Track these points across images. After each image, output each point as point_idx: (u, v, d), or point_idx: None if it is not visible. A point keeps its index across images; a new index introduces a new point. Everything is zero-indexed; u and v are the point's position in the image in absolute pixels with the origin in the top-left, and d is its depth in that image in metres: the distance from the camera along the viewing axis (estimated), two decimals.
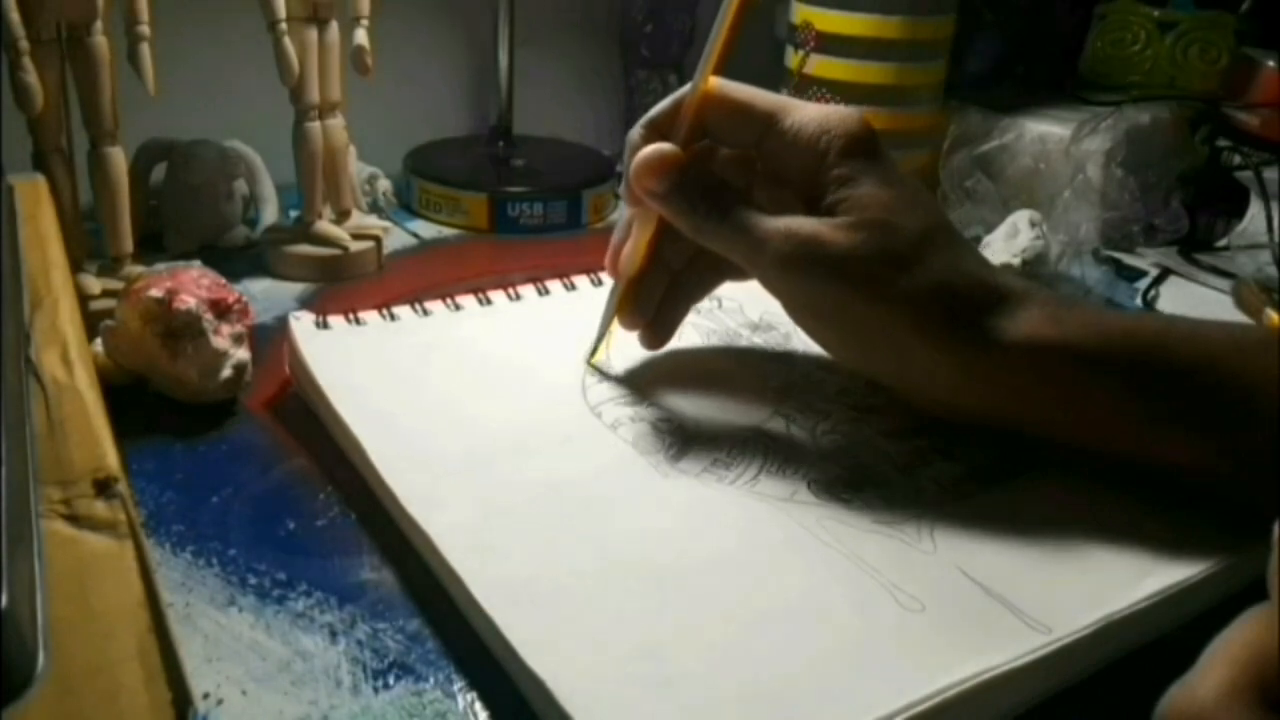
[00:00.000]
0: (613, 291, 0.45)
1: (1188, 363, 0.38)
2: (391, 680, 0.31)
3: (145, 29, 0.48)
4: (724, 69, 0.41)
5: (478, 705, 0.31)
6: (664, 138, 0.41)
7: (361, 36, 0.56)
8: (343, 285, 0.58)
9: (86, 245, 0.51)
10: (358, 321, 0.47)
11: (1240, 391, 0.37)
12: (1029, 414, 0.39)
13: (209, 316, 0.43)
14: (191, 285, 0.43)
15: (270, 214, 0.62)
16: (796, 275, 0.39)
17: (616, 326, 0.45)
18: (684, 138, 0.41)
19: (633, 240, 0.44)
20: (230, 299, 0.44)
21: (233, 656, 0.32)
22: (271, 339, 0.49)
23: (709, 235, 0.41)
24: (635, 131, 0.42)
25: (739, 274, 0.44)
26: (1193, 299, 0.65)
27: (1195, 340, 0.39)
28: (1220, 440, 0.37)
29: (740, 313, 0.52)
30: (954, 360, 0.39)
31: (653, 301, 0.45)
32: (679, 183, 0.40)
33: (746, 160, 0.43)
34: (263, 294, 0.56)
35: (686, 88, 0.41)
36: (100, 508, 0.25)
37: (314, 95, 0.56)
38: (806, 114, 0.40)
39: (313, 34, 0.55)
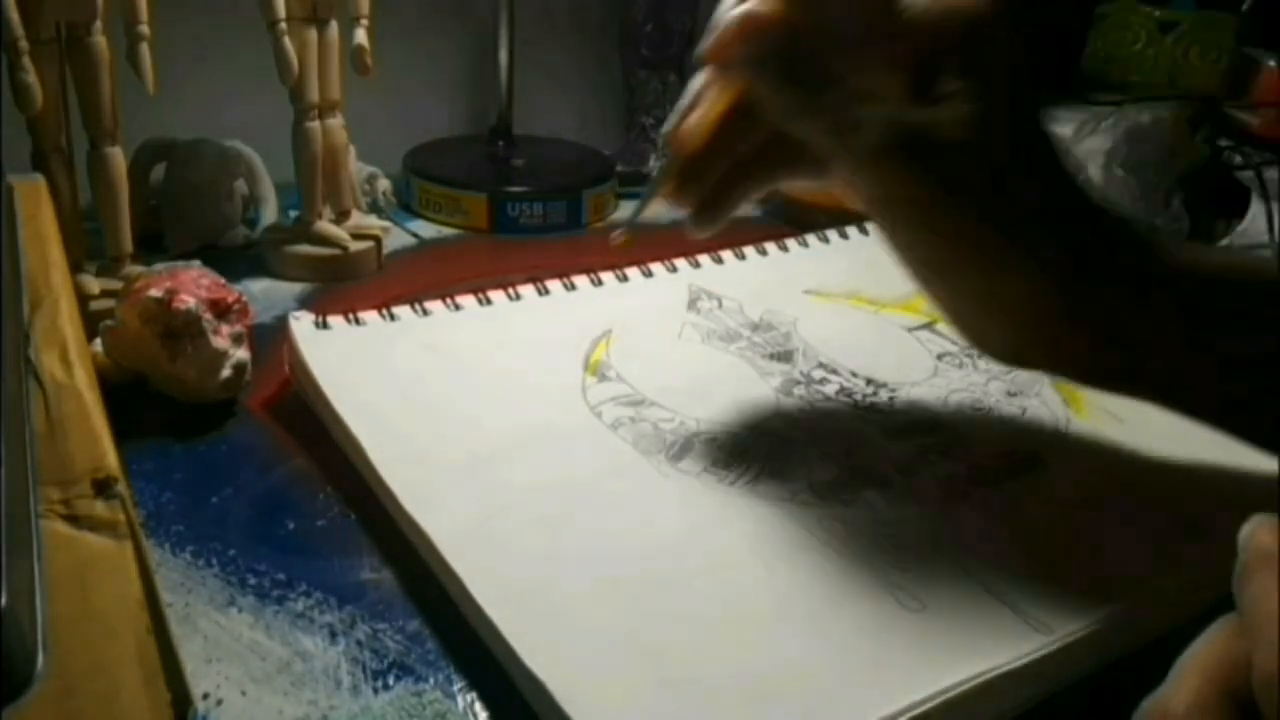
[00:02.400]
0: (664, 165, 0.40)
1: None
2: (391, 680, 0.31)
3: (144, 29, 0.48)
4: None
5: (477, 705, 0.31)
6: None
7: (361, 36, 0.56)
8: (342, 285, 0.58)
9: (86, 245, 0.51)
10: (357, 321, 0.47)
11: None
12: (1099, 350, 0.37)
13: (208, 316, 0.43)
14: (191, 285, 0.43)
15: (270, 214, 0.62)
16: (892, 164, 0.36)
17: (617, 331, 0.45)
18: (784, 5, 0.35)
19: (701, 111, 0.38)
20: (230, 299, 0.44)
21: (232, 657, 0.32)
22: (271, 339, 0.49)
23: (800, 111, 0.36)
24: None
25: (809, 169, 0.39)
26: None
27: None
28: None
29: (740, 313, 0.52)
30: (1039, 282, 0.36)
31: (707, 182, 0.40)
32: (776, 49, 0.35)
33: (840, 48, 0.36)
34: (262, 294, 0.56)
35: None
36: (100, 508, 0.25)
37: (314, 95, 0.56)
38: None
39: (312, 33, 0.55)
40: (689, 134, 0.38)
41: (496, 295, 0.51)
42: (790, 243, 0.60)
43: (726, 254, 0.57)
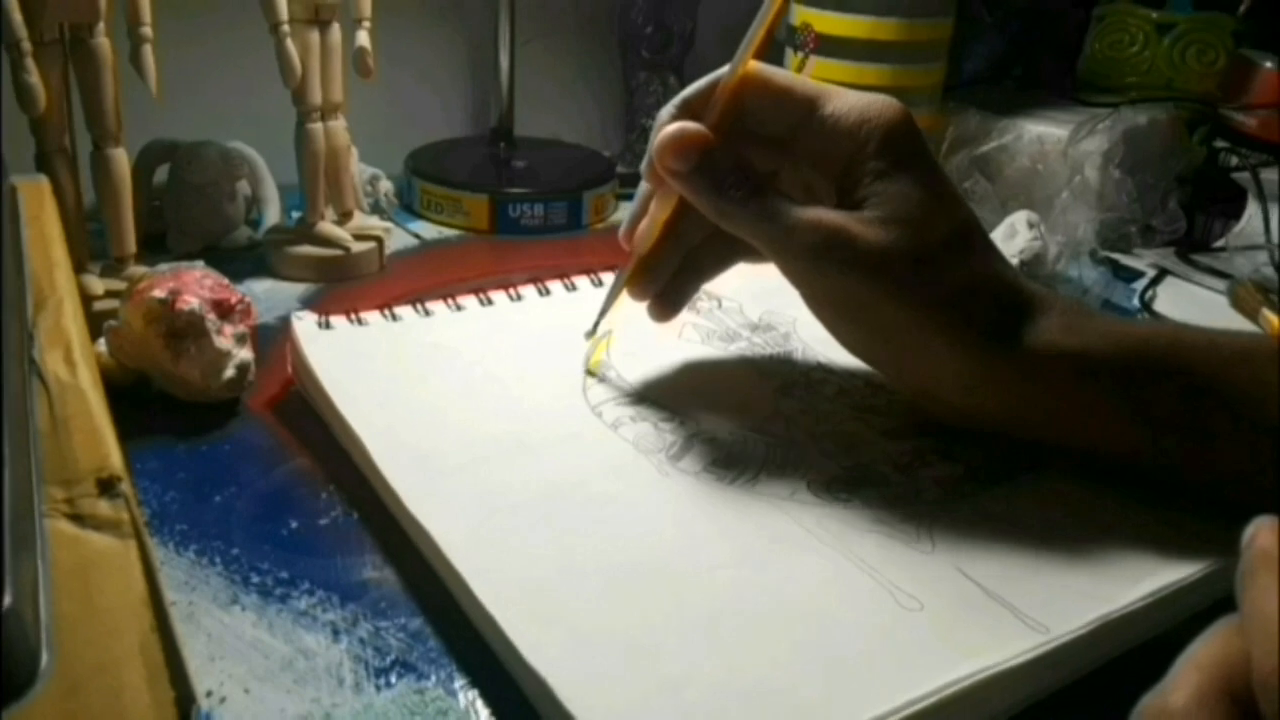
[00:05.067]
0: (622, 270, 0.45)
1: (1199, 373, 0.38)
2: (393, 678, 0.31)
3: (148, 30, 0.48)
4: (763, 54, 0.40)
5: (479, 703, 0.31)
6: (695, 119, 0.40)
7: (363, 38, 0.56)
8: (345, 286, 0.58)
9: (90, 246, 0.51)
10: (360, 322, 0.48)
11: (1249, 402, 0.37)
12: (1037, 419, 0.39)
13: (212, 317, 0.43)
14: (194, 286, 0.43)
15: (273, 215, 0.62)
16: (821, 267, 0.39)
17: (617, 322, 0.45)
18: (716, 120, 0.40)
19: (650, 217, 0.43)
20: (233, 299, 0.45)
21: (235, 655, 0.32)
22: (274, 339, 0.49)
23: (732, 219, 0.40)
24: (666, 109, 0.41)
25: (756, 254, 0.43)
26: (1190, 300, 0.65)
27: (1209, 349, 0.38)
28: (1227, 450, 0.37)
29: (740, 313, 0.52)
30: (972, 363, 0.38)
31: (665, 275, 0.45)
32: (703, 163, 0.39)
33: (776, 146, 0.41)
34: (265, 294, 0.56)
35: (723, 70, 0.40)
36: (103, 507, 0.26)
37: (316, 97, 0.56)
38: (847, 102, 0.39)
39: (314, 36, 0.55)
40: (643, 236, 0.43)
41: (498, 296, 0.51)
42: None
43: None
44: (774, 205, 0.39)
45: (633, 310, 0.51)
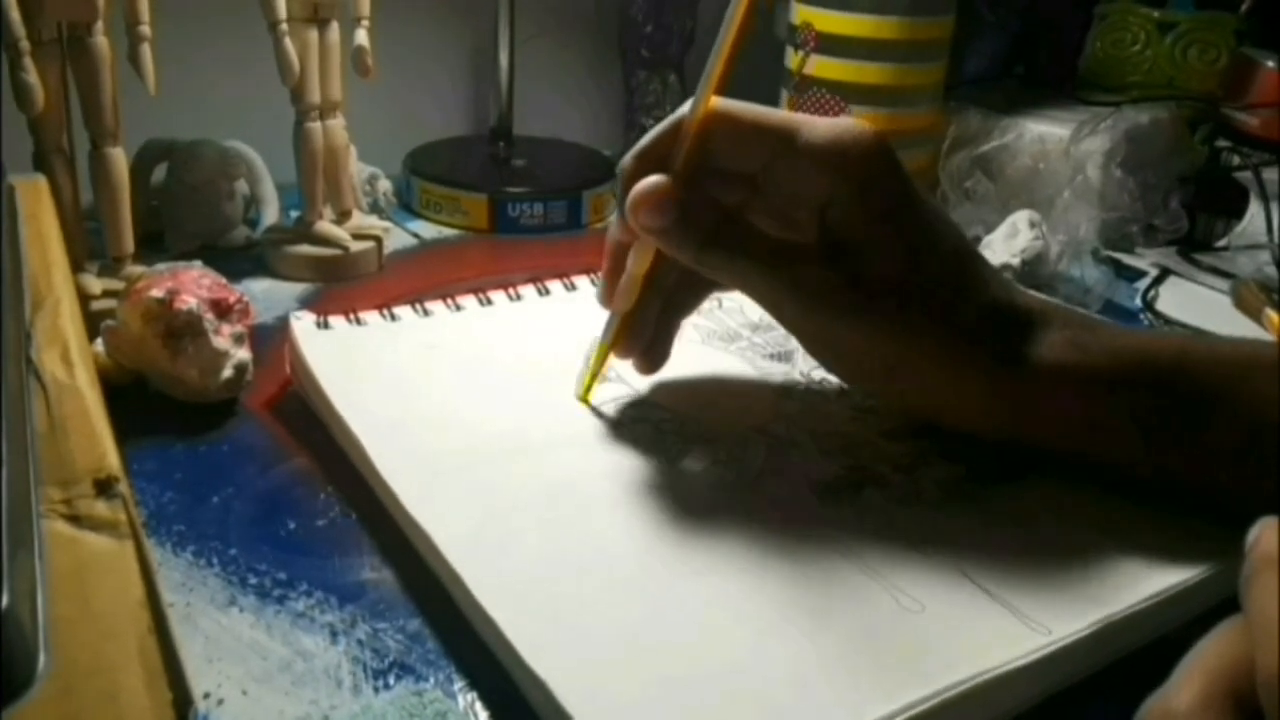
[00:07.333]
0: (608, 325, 0.43)
1: (1203, 386, 0.37)
2: (392, 680, 0.31)
3: (146, 29, 0.48)
4: (725, 88, 0.38)
5: (478, 705, 0.31)
6: (660, 164, 0.38)
7: (362, 37, 0.56)
8: (343, 285, 0.58)
9: (87, 245, 0.51)
10: (358, 321, 0.47)
11: (1251, 412, 0.37)
12: (1045, 433, 0.39)
13: (210, 316, 0.43)
14: (192, 285, 0.43)
15: (271, 214, 0.62)
16: (812, 316, 0.38)
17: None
18: (683, 163, 0.38)
19: (628, 274, 0.41)
20: (231, 299, 0.44)
21: (233, 656, 0.32)
22: (272, 339, 0.49)
23: (717, 271, 0.38)
24: (627, 161, 0.39)
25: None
26: (1192, 299, 0.65)
27: (1212, 361, 0.38)
28: (1229, 459, 0.37)
29: (740, 313, 0.52)
30: (976, 390, 0.38)
31: (650, 327, 0.43)
32: (678, 216, 0.37)
33: (746, 180, 0.39)
34: (263, 294, 0.56)
35: (684, 109, 0.38)
36: (101, 508, 0.25)
37: (314, 95, 0.56)
38: (818, 133, 0.37)
39: (313, 34, 0.55)
40: (624, 295, 0.41)
41: (497, 295, 0.51)
42: None
43: None
44: (755, 252, 0.38)
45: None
